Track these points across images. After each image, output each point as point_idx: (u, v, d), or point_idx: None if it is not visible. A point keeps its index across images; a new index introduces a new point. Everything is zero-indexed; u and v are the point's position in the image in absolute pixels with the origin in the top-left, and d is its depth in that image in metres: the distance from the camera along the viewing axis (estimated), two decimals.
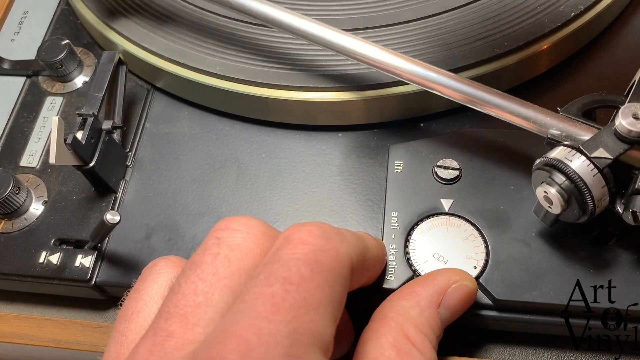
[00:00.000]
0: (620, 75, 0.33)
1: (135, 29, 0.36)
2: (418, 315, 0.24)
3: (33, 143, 0.35)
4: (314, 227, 0.21)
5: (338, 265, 0.21)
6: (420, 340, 0.23)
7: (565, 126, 0.26)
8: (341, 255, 0.21)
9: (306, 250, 0.20)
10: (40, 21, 0.41)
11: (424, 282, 0.25)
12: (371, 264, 0.25)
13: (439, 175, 0.30)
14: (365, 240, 0.24)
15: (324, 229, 0.21)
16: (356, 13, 0.35)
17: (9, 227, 0.32)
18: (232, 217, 0.22)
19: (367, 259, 0.24)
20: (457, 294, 0.25)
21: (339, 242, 0.21)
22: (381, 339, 0.23)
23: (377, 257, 0.26)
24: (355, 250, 0.22)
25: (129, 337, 0.21)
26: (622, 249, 0.27)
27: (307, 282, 0.19)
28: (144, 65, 0.36)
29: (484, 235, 0.28)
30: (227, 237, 0.21)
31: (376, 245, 0.26)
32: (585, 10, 0.33)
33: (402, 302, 0.24)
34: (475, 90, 0.27)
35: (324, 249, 0.20)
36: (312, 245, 0.20)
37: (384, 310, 0.24)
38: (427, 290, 0.24)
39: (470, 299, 0.26)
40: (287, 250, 0.20)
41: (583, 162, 0.24)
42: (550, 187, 0.24)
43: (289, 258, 0.20)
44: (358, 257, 0.23)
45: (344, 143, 0.33)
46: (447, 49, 0.32)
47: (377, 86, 0.32)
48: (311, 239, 0.21)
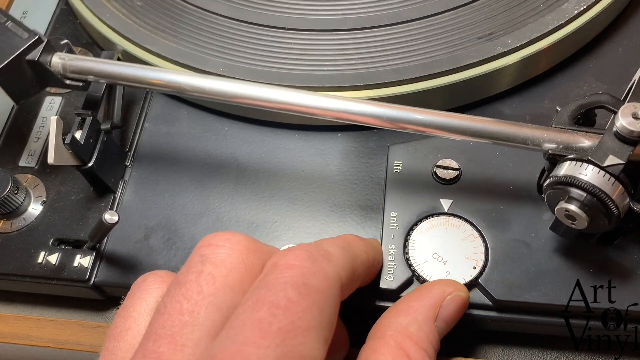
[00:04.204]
0: (620, 75, 0.33)
1: (136, 30, 0.36)
2: (417, 331, 0.23)
3: (32, 143, 0.35)
4: (300, 251, 0.21)
5: (327, 286, 0.21)
6: (420, 357, 0.23)
7: (563, 138, 0.25)
8: (329, 275, 0.21)
9: (293, 274, 0.20)
10: (40, 21, 0.41)
11: (420, 296, 0.25)
12: (362, 272, 0.25)
13: (438, 176, 0.30)
14: (353, 249, 0.24)
15: (310, 252, 0.21)
16: (358, 12, 0.35)
17: (7, 227, 0.32)
18: (215, 233, 0.22)
19: (356, 269, 0.24)
20: (452, 305, 0.25)
21: (325, 262, 0.21)
22: (379, 357, 0.23)
23: (369, 262, 0.25)
24: (344, 266, 0.22)
25: (118, 356, 0.21)
26: (622, 249, 0.27)
27: (294, 305, 0.19)
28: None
29: (484, 236, 0.28)
30: (211, 254, 0.21)
31: (366, 250, 0.25)
32: (588, 8, 0.33)
33: (399, 319, 0.24)
34: (462, 122, 0.26)
35: (311, 272, 0.20)
36: (299, 269, 0.20)
37: (381, 328, 0.24)
38: (423, 304, 0.24)
39: (464, 308, 0.26)
40: (274, 275, 0.20)
41: (598, 173, 0.23)
42: (570, 204, 0.24)
43: (276, 282, 0.20)
44: (347, 272, 0.22)
45: (343, 143, 0.33)
46: (450, 48, 0.32)
47: (377, 86, 0.32)
48: (297, 262, 0.21)
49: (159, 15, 0.37)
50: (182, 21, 0.36)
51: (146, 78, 0.28)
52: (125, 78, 0.29)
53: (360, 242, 0.26)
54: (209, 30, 0.36)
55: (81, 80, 0.30)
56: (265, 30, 0.35)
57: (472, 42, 0.32)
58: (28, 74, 0.29)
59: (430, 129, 0.26)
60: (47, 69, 0.29)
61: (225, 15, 0.36)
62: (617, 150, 0.23)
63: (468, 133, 0.26)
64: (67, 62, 0.29)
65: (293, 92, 0.27)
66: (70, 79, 0.29)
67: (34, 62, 0.28)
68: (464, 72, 0.32)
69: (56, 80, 0.29)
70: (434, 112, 0.26)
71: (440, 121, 0.26)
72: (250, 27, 0.35)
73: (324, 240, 0.24)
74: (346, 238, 0.25)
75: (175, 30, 0.36)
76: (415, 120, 0.26)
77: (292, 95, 0.27)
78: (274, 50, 0.34)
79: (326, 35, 0.35)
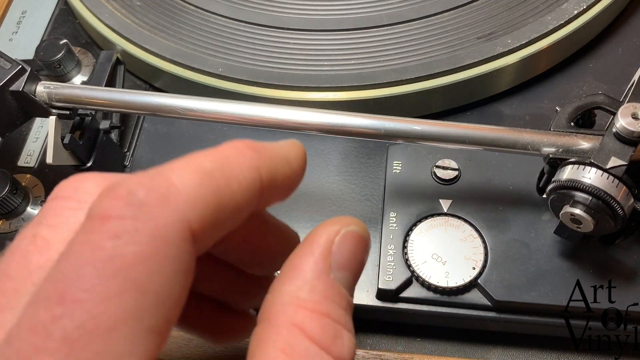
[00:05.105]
0: (620, 75, 0.33)
1: (135, 30, 0.36)
2: (309, 295, 0.17)
3: (31, 143, 0.35)
4: (121, 190, 0.14)
5: (155, 248, 0.14)
6: (319, 327, 0.17)
7: (562, 142, 0.25)
8: (163, 229, 0.14)
9: (102, 237, 0.14)
10: (39, 21, 0.41)
11: (303, 251, 0.18)
12: (242, 201, 0.17)
13: (438, 176, 0.30)
14: (227, 171, 0.16)
15: (134, 192, 0.14)
16: (358, 12, 0.35)
17: (6, 228, 0.32)
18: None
19: (226, 203, 0.16)
20: (345, 245, 0.18)
21: (161, 206, 0.14)
22: (268, 344, 0.17)
23: (259, 182, 0.17)
24: (196, 205, 0.15)
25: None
26: (622, 249, 0.27)
27: (93, 296, 0.13)
28: (143, 65, 0.36)
29: (483, 236, 0.28)
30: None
31: (258, 164, 0.17)
32: (588, 8, 0.33)
33: (284, 287, 0.18)
34: (460, 131, 0.26)
35: (130, 229, 0.14)
36: (113, 226, 0.14)
37: (266, 306, 0.18)
38: (309, 259, 0.18)
39: (364, 245, 0.19)
40: (79, 238, 0.14)
41: (602, 176, 0.23)
42: (576, 208, 0.24)
43: (78, 255, 0.14)
44: (204, 212, 0.15)
45: (342, 143, 0.33)
46: (449, 48, 0.32)
47: (377, 86, 0.32)
48: (116, 211, 0.14)
49: (158, 15, 0.37)
50: (181, 21, 0.36)
51: (135, 103, 0.27)
52: (112, 104, 0.28)
53: (248, 154, 0.17)
54: (208, 30, 0.36)
55: (68, 109, 0.29)
56: (264, 30, 0.35)
57: (472, 42, 0.32)
58: (12, 105, 0.28)
59: (428, 141, 0.26)
60: (32, 99, 0.28)
61: (224, 15, 0.36)
62: (618, 152, 0.23)
63: (467, 142, 0.25)
64: (53, 91, 0.28)
65: (290, 110, 0.27)
66: (57, 108, 0.28)
67: (18, 92, 0.27)
68: (464, 72, 0.32)
69: (42, 110, 0.28)
70: (431, 122, 0.26)
71: (438, 131, 0.25)
72: (249, 27, 0.35)
73: (179, 160, 0.16)
74: (224, 151, 0.17)
75: (174, 30, 0.36)
76: (413, 132, 0.26)
77: (289, 113, 0.27)
78: (273, 50, 0.34)
79: (325, 35, 0.35)
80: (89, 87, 0.28)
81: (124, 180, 0.15)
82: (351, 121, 0.26)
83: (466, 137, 0.25)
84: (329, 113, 0.26)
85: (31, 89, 0.28)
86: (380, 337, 0.30)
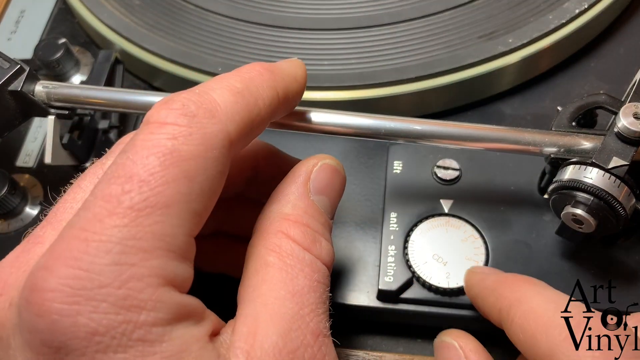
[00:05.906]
0: (622, 74, 0.33)
1: (134, 29, 0.36)
2: (292, 210, 0.21)
3: (29, 143, 0.35)
4: (176, 103, 0.18)
5: (203, 150, 0.18)
6: (301, 234, 0.21)
7: (564, 142, 0.25)
8: (209, 136, 0.18)
9: (161, 137, 0.18)
10: (38, 20, 0.41)
11: (287, 180, 0.23)
12: (266, 115, 0.21)
13: (439, 176, 0.30)
14: (254, 91, 0.20)
15: (187, 104, 0.18)
16: (358, 11, 0.35)
17: (4, 228, 0.32)
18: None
19: (255, 118, 0.20)
20: (322, 174, 0.23)
21: (207, 118, 0.19)
22: (259, 247, 0.21)
23: (278, 100, 0.22)
24: (234, 119, 0.19)
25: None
26: (622, 250, 0.27)
27: (154, 178, 0.17)
28: (142, 65, 0.35)
29: (484, 236, 0.28)
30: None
31: (275, 84, 0.21)
32: (590, 7, 0.33)
33: (272, 207, 0.22)
34: (462, 130, 0.25)
35: (184, 133, 0.18)
36: (170, 129, 0.18)
37: (258, 222, 0.22)
38: (291, 185, 0.22)
39: (338, 176, 0.23)
40: (142, 136, 0.18)
41: (603, 176, 0.23)
42: (577, 209, 0.24)
43: (141, 147, 0.18)
44: (240, 126, 0.20)
45: (343, 143, 0.33)
46: (450, 47, 0.32)
47: (377, 85, 0.32)
48: (171, 119, 0.18)
49: (157, 14, 0.37)
50: (180, 20, 0.36)
51: (134, 103, 0.27)
52: (112, 104, 0.28)
53: (266, 75, 0.21)
54: (207, 29, 0.36)
55: (67, 109, 0.29)
56: (264, 29, 0.35)
57: (473, 42, 0.32)
58: (11, 105, 0.28)
59: (428, 141, 0.26)
60: (30, 99, 0.28)
61: (223, 14, 0.36)
62: (620, 152, 0.23)
63: (469, 141, 0.25)
64: (51, 91, 0.28)
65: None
66: (56, 108, 0.28)
67: (16, 92, 0.27)
68: (465, 72, 0.32)
69: (41, 109, 0.28)
70: (432, 122, 0.26)
71: (438, 131, 0.25)
72: (249, 26, 0.35)
73: (214, 80, 0.20)
74: (248, 73, 0.21)
75: (173, 29, 0.36)
76: (413, 132, 0.25)
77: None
78: (273, 49, 0.34)
79: (325, 34, 0.34)
80: (87, 87, 0.28)
81: (176, 95, 0.19)
82: (351, 121, 0.25)
83: (467, 136, 0.25)
84: (329, 113, 0.26)
85: (30, 88, 0.28)
86: (381, 338, 0.29)
